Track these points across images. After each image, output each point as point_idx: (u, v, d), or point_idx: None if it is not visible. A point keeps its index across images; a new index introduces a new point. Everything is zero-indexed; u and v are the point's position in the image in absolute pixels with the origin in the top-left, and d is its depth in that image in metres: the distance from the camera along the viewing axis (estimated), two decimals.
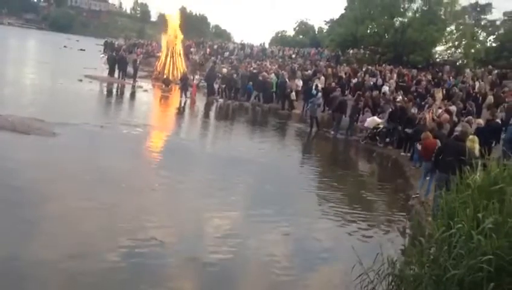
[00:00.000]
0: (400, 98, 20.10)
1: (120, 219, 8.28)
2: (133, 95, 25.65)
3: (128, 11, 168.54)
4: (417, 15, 36.13)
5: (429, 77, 26.89)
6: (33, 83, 24.56)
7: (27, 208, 8.14)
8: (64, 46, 59.86)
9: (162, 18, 36.76)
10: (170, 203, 9.63)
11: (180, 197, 10.07)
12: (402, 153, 16.85)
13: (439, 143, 11.09)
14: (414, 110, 17.65)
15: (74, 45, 63.55)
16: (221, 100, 26.17)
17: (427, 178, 11.59)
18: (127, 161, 12.06)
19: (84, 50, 56.49)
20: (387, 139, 18.00)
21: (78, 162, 11.16)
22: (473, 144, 10.81)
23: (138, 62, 30.76)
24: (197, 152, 14.51)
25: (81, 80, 26.41)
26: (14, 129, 12.93)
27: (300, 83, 26.11)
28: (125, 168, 11.34)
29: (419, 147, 12.92)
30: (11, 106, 16.20)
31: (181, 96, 25.67)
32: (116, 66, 29.71)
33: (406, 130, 16.46)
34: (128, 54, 39.74)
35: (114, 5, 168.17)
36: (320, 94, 22.51)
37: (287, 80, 26.16)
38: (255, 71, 28.36)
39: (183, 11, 54.32)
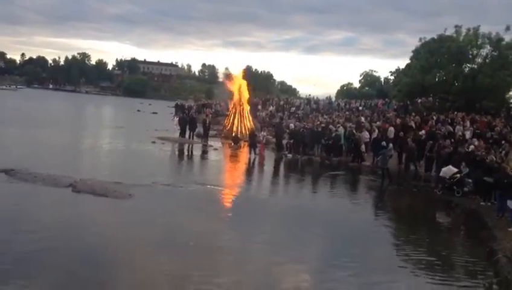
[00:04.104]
0: (476, 143, 19.46)
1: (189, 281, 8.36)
2: (203, 154, 26.19)
3: (197, 74, 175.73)
4: (487, 61, 35.15)
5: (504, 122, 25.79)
6: (109, 146, 25.79)
7: (98, 268, 8.44)
8: (138, 110, 62.79)
9: (229, 78, 37.77)
10: (238, 264, 9.61)
11: (247, 258, 10.00)
12: (482, 203, 16.05)
13: None
14: (491, 158, 16.90)
15: (147, 109, 66.50)
16: (289, 155, 26.23)
17: None
18: (198, 220, 12.27)
19: (156, 113, 58.88)
20: (466, 189, 17.24)
21: (151, 223, 11.48)
22: None
23: (208, 122, 31.50)
24: (267, 209, 14.42)
25: (154, 142, 27.43)
26: (93, 192, 13.52)
27: (367, 134, 25.79)
28: (195, 227, 11.51)
29: None
30: (90, 170, 17.07)
31: (250, 153, 26.01)
32: (187, 127, 30.66)
33: (485, 178, 15.73)
34: (198, 114, 41.02)
35: (183, 68, 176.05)
36: (391, 145, 22.02)
37: (354, 132, 25.94)
38: (322, 125, 28.37)
39: (249, 69, 55.94)
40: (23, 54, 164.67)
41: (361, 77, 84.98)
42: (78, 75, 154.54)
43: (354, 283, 8.74)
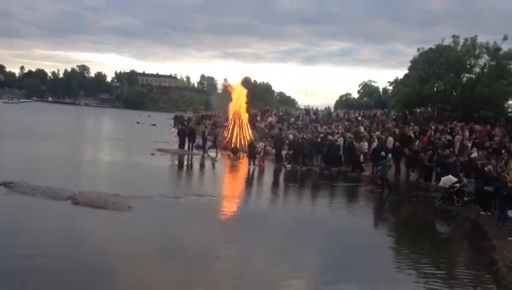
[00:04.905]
0: (476, 153, 19.53)
1: None
2: (203, 165, 26.17)
3: (196, 85, 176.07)
4: (485, 70, 35.25)
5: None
6: (109, 159, 25.76)
7: (97, 281, 8.39)
8: (137, 123, 62.82)
9: (228, 89, 37.80)
10: (235, 274, 9.59)
11: (244, 269, 9.97)
12: (482, 212, 16.03)
13: None
14: (490, 167, 16.91)
15: (146, 121, 66.50)
16: (289, 166, 26.22)
17: None
18: (197, 231, 12.27)
19: (155, 125, 58.88)
20: (466, 198, 17.24)
21: (150, 235, 11.45)
22: None
23: (207, 133, 31.47)
24: (266, 220, 14.39)
25: (153, 154, 27.40)
26: (93, 204, 13.46)
27: (365, 145, 25.85)
28: (194, 239, 11.54)
29: None
30: (89, 182, 17.00)
31: (249, 164, 25.99)
32: (186, 139, 30.66)
33: (485, 187, 15.73)
34: (197, 126, 41.03)
35: (182, 80, 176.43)
36: (390, 155, 22.01)
37: (354, 142, 26.01)
38: (321, 135, 28.42)
39: (247, 81, 56.03)
40: (22, 67, 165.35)
41: (360, 87, 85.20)
42: (77, 87, 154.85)
43: None
